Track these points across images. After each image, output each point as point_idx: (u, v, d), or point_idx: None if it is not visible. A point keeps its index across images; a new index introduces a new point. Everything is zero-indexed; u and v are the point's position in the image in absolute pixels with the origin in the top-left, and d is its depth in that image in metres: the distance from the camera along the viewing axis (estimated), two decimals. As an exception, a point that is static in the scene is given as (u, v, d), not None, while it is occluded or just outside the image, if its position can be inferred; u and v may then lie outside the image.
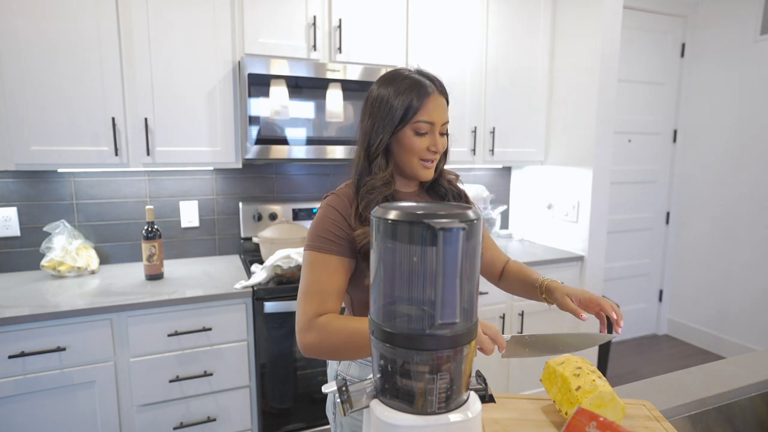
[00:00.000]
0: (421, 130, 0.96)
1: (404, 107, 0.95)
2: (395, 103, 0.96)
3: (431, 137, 0.98)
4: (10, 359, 1.46)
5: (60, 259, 1.84)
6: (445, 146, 1.02)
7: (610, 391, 0.79)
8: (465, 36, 2.30)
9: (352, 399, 0.59)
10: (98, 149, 1.75)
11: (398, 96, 0.96)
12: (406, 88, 0.96)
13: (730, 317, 3.15)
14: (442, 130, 0.99)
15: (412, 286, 0.55)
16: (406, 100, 0.95)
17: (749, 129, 2.98)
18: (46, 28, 1.63)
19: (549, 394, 0.89)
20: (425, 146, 0.97)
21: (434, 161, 1.01)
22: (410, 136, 0.96)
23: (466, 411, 0.58)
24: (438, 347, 0.55)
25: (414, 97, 0.95)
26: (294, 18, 1.96)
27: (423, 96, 0.96)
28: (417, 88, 0.96)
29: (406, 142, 0.97)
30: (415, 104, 0.95)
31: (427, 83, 0.98)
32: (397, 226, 0.55)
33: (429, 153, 0.98)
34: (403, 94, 0.96)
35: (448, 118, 1.00)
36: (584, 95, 2.34)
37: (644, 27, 3.14)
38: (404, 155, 0.99)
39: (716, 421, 0.97)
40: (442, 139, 1.00)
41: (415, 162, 0.99)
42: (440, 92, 0.99)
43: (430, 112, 0.96)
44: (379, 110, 0.98)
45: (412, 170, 1.00)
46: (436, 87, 0.99)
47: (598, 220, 2.38)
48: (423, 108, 0.96)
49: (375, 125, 0.98)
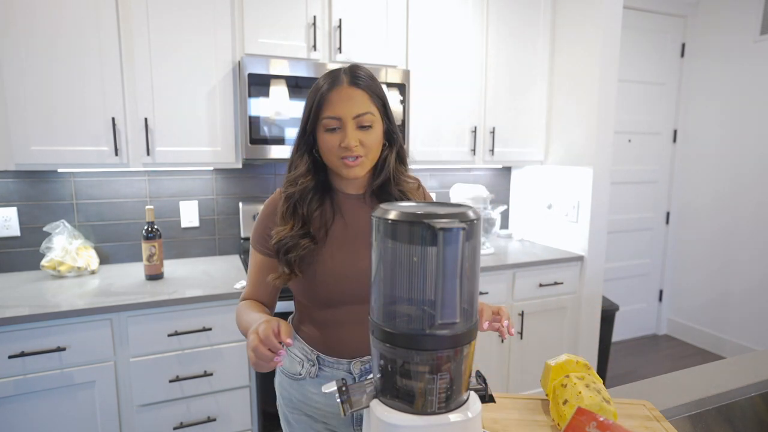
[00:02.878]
0: (329, 126, 0.91)
1: (311, 103, 0.92)
2: (307, 101, 0.94)
3: (342, 133, 0.91)
4: (10, 359, 1.46)
5: (60, 259, 1.84)
6: (370, 141, 0.93)
7: (596, 402, 0.78)
8: (465, 36, 2.30)
9: (352, 399, 0.59)
10: (98, 149, 1.75)
11: (309, 92, 0.94)
12: (318, 83, 0.93)
13: (730, 317, 3.15)
14: (361, 123, 0.91)
15: (412, 286, 0.55)
16: (314, 96, 0.92)
17: (749, 129, 2.98)
18: (46, 29, 1.63)
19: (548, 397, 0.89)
20: (336, 143, 0.91)
21: (358, 158, 0.92)
22: (321, 133, 0.92)
23: (466, 411, 0.58)
24: (438, 347, 0.55)
25: (319, 92, 0.91)
26: (294, 18, 1.96)
27: (328, 90, 0.90)
28: (325, 82, 0.92)
29: (320, 140, 0.93)
30: (318, 99, 0.91)
31: (338, 75, 0.92)
32: (397, 226, 0.55)
33: (343, 150, 0.91)
34: (312, 91, 0.93)
35: (367, 110, 0.91)
36: (584, 95, 2.34)
37: (644, 27, 3.14)
38: (323, 154, 0.95)
39: (716, 421, 0.96)
40: (364, 134, 0.92)
41: (336, 161, 0.93)
42: (353, 83, 0.91)
43: (334, 106, 0.90)
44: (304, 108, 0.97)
45: (335, 169, 0.95)
46: (348, 78, 0.91)
47: (598, 220, 2.38)
48: (326, 102, 0.90)
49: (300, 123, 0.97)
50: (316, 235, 0.95)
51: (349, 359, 0.99)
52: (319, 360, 1.00)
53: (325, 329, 1.00)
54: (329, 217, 0.98)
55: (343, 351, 0.99)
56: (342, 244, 0.97)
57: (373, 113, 0.92)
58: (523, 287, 2.29)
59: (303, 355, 1.01)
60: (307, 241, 0.93)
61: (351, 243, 0.97)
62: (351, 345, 0.99)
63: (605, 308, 2.54)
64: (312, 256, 0.95)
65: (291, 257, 0.93)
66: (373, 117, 0.92)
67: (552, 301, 2.37)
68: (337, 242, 0.97)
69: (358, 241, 0.98)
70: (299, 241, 0.92)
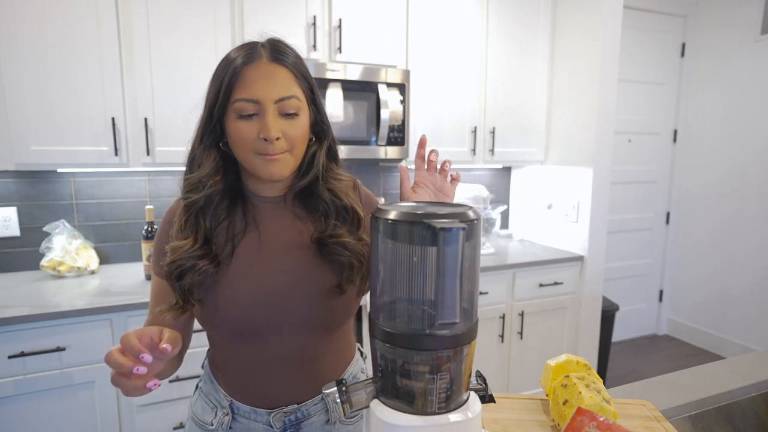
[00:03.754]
0: (243, 112, 0.71)
1: (219, 81, 0.71)
2: (212, 79, 0.74)
3: (260, 121, 0.71)
4: (10, 359, 1.46)
5: (60, 259, 1.84)
6: (296, 132, 0.73)
7: (597, 402, 0.78)
8: (465, 35, 2.30)
9: (352, 399, 0.59)
10: (98, 149, 1.75)
11: (217, 70, 0.73)
12: (228, 56, 0.73)
13: (730, 317, 3.15)
14: (284, 110, 0.72)
15: (412, 286, 0.55)
16: (223, 72, 0.71)
17: (749, 129, 2.98)
18: (46, 28, 1.63)
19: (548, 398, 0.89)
20: (254, 134, 0.71)
21: (281, 154, 0.73)
22: (233, 121, 0.72)
23: (466, 411, 0.58)
24: (438, 347, 0.55)
25: (230, 67, 0.71)
26: (294, 18, 1.96)
27: (243, 65, 0.71)
28: (238, 55, 0.72)
29: (230, 130, 0.73)
30: (228, 77, 0.70)
31: (256, 48, 0.73)
32: (397, 226, 0.55)
33: (262, 143, 0.71)
34: (220, 67, 0.73)
35: (292, 93, 0.72)
36: (584, 95, 2.34)
37: (644, 27, 3.14)
38: (235, 148, 0.74)
39: (716, 421, 0.96)
40: (289, 124, 0.73)
41: (250, 156, 0.73)
42: (275, 59, 0.72)
43: (252, 86, 0.70)
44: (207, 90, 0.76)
45: (251, 167, 0.74)
46: (268, 52, 0.73)
47: (598, 220, 2.38)
48: (241, 81, 0.70)
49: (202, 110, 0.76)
50: (219, 253, 0.75)
51: (269, 410, 0.80)
52: (232, 408, 0.81)
53: (239, 370, 0.81)
54: (239, 229, 0.78)
55: (260, 399, 0.80)
56: (253, 261, 0.77)
57: (300, 98, 0.74)
58: (523, 287, 2.29)
59: (216, 401, 0.83)
60: (205, 263, 0.72)
61: (265, 259, 0.77)
62: (271, 391, 0.80)
63: (605, 308, 2.54)
64: (213, 280, 0.74)
65: (185, 283, 0.72)
66: (300, 103, 0.74)
67: (552, 301, 2.37)
68: (247, 260, 0.77)
69: (278, 256, 0.78)
70: (196, 263, 0.72)
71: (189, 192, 0.75)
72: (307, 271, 0.78)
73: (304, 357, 0.80)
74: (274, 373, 0.79)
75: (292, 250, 0.79)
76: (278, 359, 0.79)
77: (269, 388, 0.80)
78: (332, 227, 0.79)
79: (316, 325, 0.79)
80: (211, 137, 0.75)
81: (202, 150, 0.75)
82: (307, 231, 0.80)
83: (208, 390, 0.85)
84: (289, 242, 0.79)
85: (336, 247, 0.77)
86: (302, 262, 0.78)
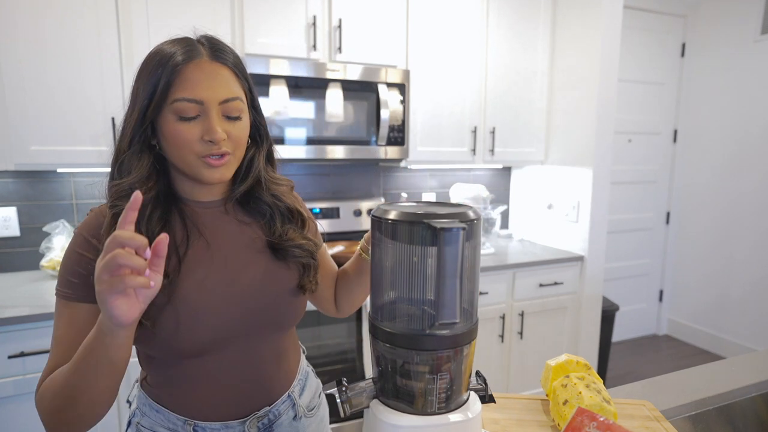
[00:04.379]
0: (184, 113, 0.66)
1: (155, 79, 0.66)
2: (144, 76, 0.68)
3: (204, 122, 0.67)
4: (10, 359, 1.46)
5: (60, 259, 1.84)
6: (239, 135, 0.71)
7: (597, 402, 0.78)
8: (465, 35, 2.29)
9: (352, 399, 0.59)
10: (98, 149, 1.75)
11: (150, 65, 0.68)
12: (162, 50, 0.68)
13: (730, 317, 3.15)
14: (228, 112, 0.69)
15: (412, 286, 0.55)
16: (159, 69, 0.66)
17: (749, 129, 2.98)
18: (46, 28, 1.63)
19: (548, 398, 0.89)
20: (196, 136, 0.67)
21: (225, 156, 0.69)
22: (171, 122, 0.67)
23: (466, 411, 0.58)
24: (438, 347, 0.55)
25: (168, 64, 0.66)
26: (294, 18, 1.95)
27: (183, 62, 0.66)
28: (176, 51, 0.67)
29: (167, 132, 0.67)
30: (167, 74, 0.66)
31: (194, 45, 0.69)
32: (397, 226, 0.55)
33: (206, 145, 0.67)
34: (155, 63, 0.67)
35: (235, 95, 0.69)
36: (584, 95, 2.34)
37: (644, 27, 3.14)
38: (172, 150, 0.69)
39: (716, 421, 0.96)
40: (232, 126, 0.70)
41: (191, 159, 0.68)
42: (216, 58, 0.69)
43: (195, 86, 0.66)
44: (133, 86, 0.70)
45: (191, 171, 0.70)
46: (209, 51, 0.69)
47: (598, 220, 2.38)
48: (181, 79, 0.66)
49: (128, 108, 0.71)
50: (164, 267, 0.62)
51: (241, 419, 0.76)
52: (196, 431, 0.74)
53: (202, 386, 0.74)
54: (180, 238, 0.72)
55: (229, 410, 0.75)
56: (207, 271, 0.72)
57: (242, 100, 0.71)
58: (523, 287, 2.29)
59: (170, 428, 0.75)
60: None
61: (221, 267, 0.73)
62: (241, 399, 0.76)
63: (605, 308, 2.54)
64: (164, 296, 0.67)
65: None
66: (242, 105, 0.71)
67: (552, 301, 2.37)
68: (200, 270, 0.72)
69: (234, 263, 0.75)
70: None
71: (117, 200, 0.68)
72: (270, 274, 0.77)
73: (270, 357, 0.80)
74: (243, 379, 0.76)
75: (248, 255, 0.77)
76: (245, 364, 0.76)
77: (239, 396, 0.76)
78: (281, 230, 0.79)
79: (282, 325, 0.80)
80: (141, 139, 0.69)
81: (132, 153, 0.69)
82: (257, 236, 0.79)
83: (151, 423, 0.77)
84: (243, 248, 0.77)
85: (292, 249, 0.78)
86: (263, 266, 0.77)
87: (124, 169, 0.70)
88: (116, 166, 0.71)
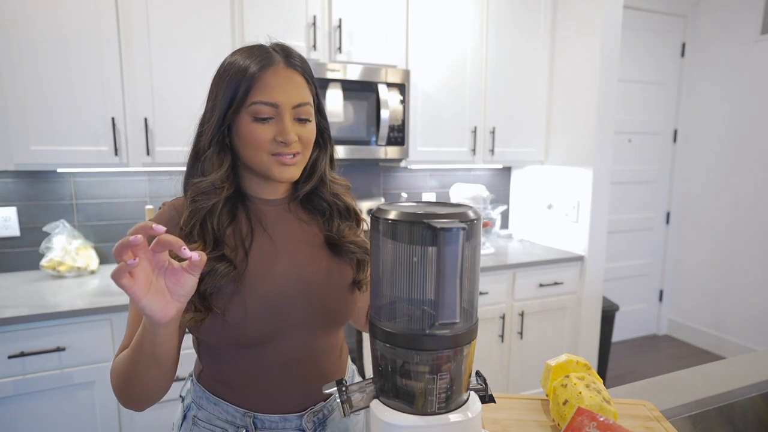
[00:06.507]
0: (260, 115, 0.71)
1: (234, 85, 0.71)
2: (225, 81, 0.73)
3: (278, 124, 0.72)
4: (9, 359, 1.46)
5: (60, 259, 1.84)
6: (309, 137, 0.76)
7: (597, 402, 0.78)
8: (465, 36, 2.29)
9: (352, 399, 0.59)
10: (98, 149, 1.75)
11: (230, 71, 0.73)
12: (236, 61, 0.73)
13: (730, 317, 3.15)
14: (299, 115, 0.74)
15: (412, 286, 0.55)
16: (239, 76, 0.71)
17: (749, 129, 2.98)
18: (46, 28, 1.63)
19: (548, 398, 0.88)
20: (269, 136, 0.72)
21: (296, 156, 0.74)
22: (247, 123, 0.72)
23: (466, 411, 0.58)
24: (438, 347, 0.55)
25: (246, 71, 0.71)
26: (294, 18, 1.95)
27: (260, 69, 0.71)
28: (251, 60, 0.72)
29: (243, 132, 0.72)
30: (246, 80, 0.71)
31: (269, 53, 0.74)
32: (397, 226, 0.55)
33: (278, 145, 0.72)
34: (235, 70, 0.72)
35: (307, 100, 0.75)
36: (584, 95, 2.34)
37: (644, 27, 3.14)
38: (246, 149, 0.74)
39: (716, 421, 0.96)
40: (302, 128, 0.75)
41: (264, 158, 0.73)
42: (290, 65, 0.74)
43: (272, 90, 0.71)
44: (212, 91, 0.76)
45: (263, 169, 0.74)
46: (283, 58, 0.74)
47: (598, 220, 2.38)
48: (259, 84, 0.71)
49: (206, 110, 0.76)
50: (232, 258, 0.73)
51: (299, 412, 0.78)
52: (255, 423, 0.76)
53: (262, 378, 0.76)
54: (245, 232, 0.77)
55: (289, 404, 0.78)
56: (272, 262, 0.76)
57: (311, 104, 0.76)
58: (523, 287, 2.29)
59: (227, 423, 0.77)
60: (225, 266, 0.70)
61: (284, 260, 0.77)
62: (300, 392, 0.78)
63: (605, 308, 2.54)
64: (233, 285, 0.72)
65: (203, 289, 0.69)
66: (311, 109, 0.76)
67: (552, 301, 2.37)
68: (267, 259, 0.76)
69: (297, 255, 0.79)
70: (214, 266, 0.69)
71: (197, 196, 0.74)
72: (329, 269, 0.81)
73: (327, 351, 0.83)
74: (303, 372, 0.78)
75: (309, 250, 0.80)
76: (305, 357, 0.78)
77: (299, 389, 0.78)
78: (338, 227, 0.83)
79: (339, 319, 0.83)
80: (220, 139, 0.74)
81: (213, 153, 0.74)
82: (316, 233, 0.83)
83: (208, 416, 0.79)
84: (304, 244, 0.81)
85: (348, 245, 0.82)
86: (323, 260, 0.81)
87: (203, 168, 0.75)
88: (198, 165, 0.76)
